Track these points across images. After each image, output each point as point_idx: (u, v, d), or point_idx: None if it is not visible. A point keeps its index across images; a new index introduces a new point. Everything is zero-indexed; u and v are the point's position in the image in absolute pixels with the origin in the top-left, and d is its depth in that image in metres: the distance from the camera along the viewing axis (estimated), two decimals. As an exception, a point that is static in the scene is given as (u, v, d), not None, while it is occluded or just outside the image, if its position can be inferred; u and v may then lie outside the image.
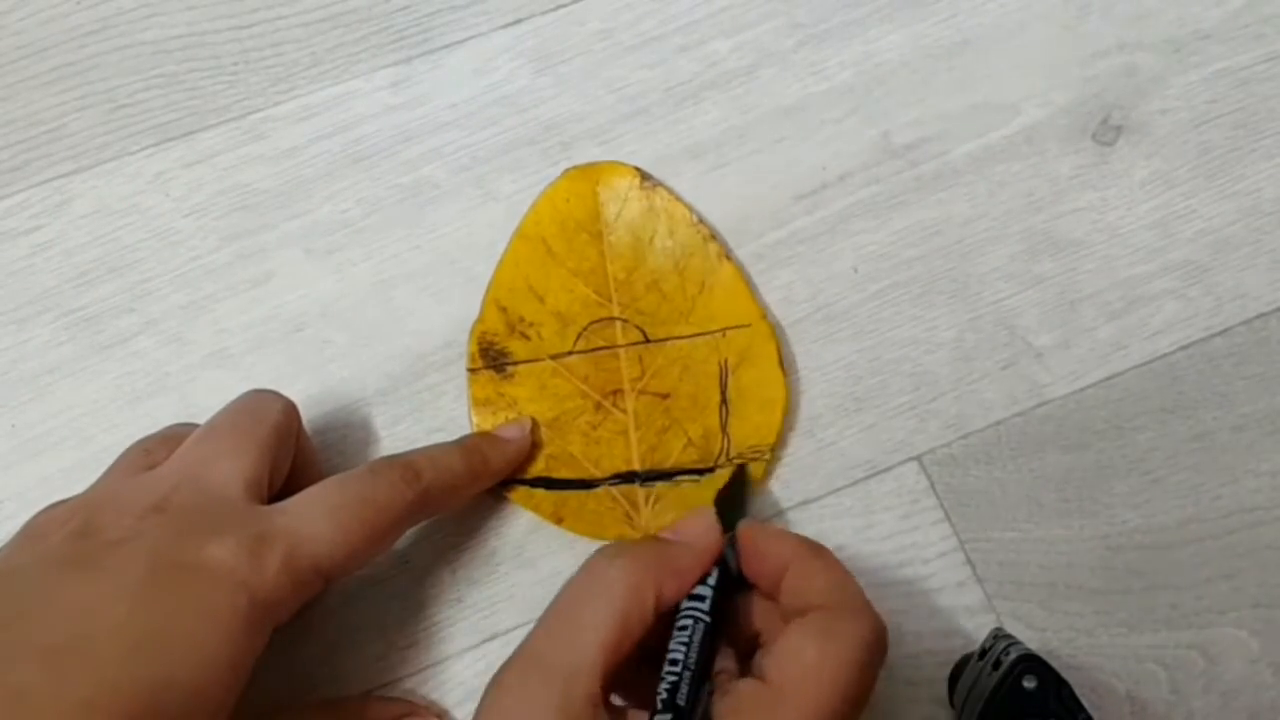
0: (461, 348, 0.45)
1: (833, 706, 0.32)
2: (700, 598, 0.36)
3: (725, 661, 0.37)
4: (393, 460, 0.39)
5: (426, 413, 0.45)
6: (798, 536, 0.38)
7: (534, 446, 0.44)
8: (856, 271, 0.47)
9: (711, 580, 0.37)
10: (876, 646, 0.34)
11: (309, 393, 0.45)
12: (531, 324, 0.45)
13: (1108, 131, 0.49)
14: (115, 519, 0.35)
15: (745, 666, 0.36)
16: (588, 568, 0.36)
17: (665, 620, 0.36)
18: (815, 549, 0.37)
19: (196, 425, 0.39)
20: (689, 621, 0.36)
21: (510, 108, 0.49)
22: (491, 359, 0.45)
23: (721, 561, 0.38)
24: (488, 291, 0.46)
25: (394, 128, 0.49)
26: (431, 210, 0.48)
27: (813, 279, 0.47)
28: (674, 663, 0.35)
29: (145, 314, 0.47)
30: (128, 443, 0.40)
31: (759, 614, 0.37)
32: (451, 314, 0.46)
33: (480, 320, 0.45)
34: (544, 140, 0.49)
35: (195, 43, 0.50)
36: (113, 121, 0.49)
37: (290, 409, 0.40)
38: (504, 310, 0.45)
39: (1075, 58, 0.49)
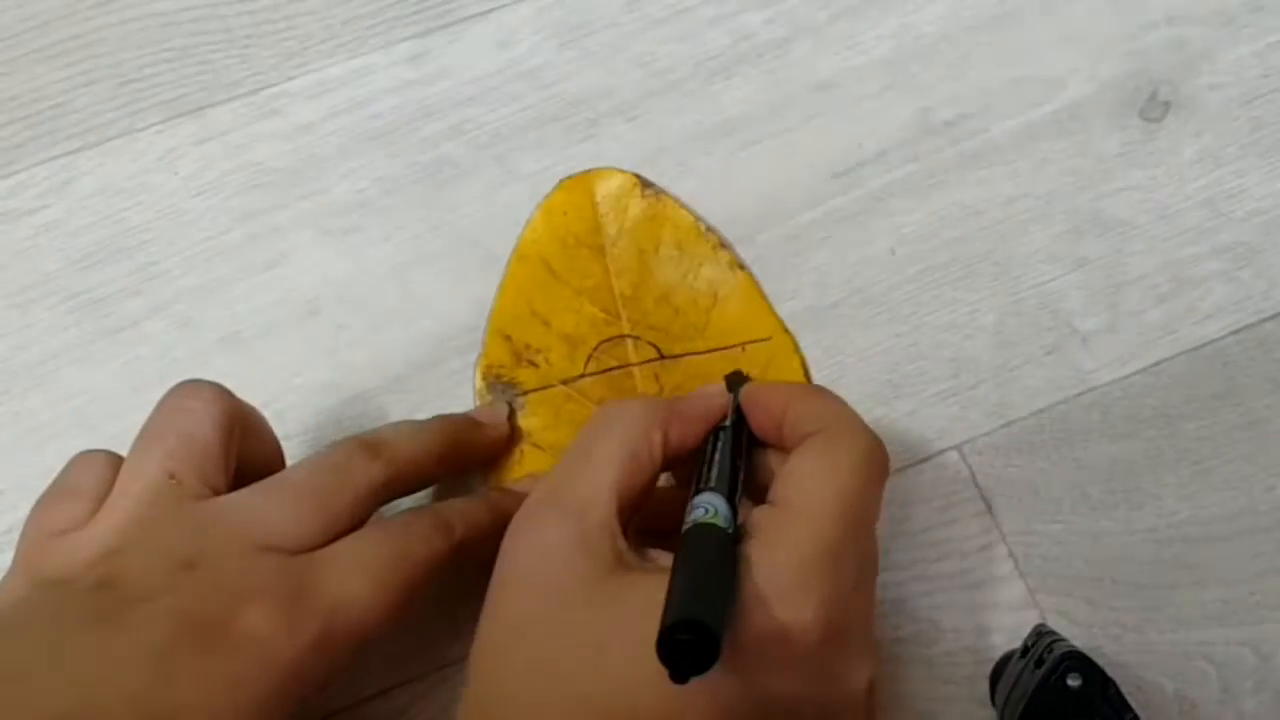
0: (481, 333, 0.45)
1: (838, 518, 0.33)
2: (724, 428, 0.38)
3: (743, 512, 0.37)
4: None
5: (446, 400, 0.44)
6: (794, 383, 0.42)
7: None
8: (894, 253, 0.46)
9: (728, 420, 0.38)
10: (873, 460, 0.35)
11: (325, 379, 0.45)
12: (539, 350, 0.44)
13: (1155, 107, 0.48)
14: (142, 572, 0.33)
15: None
16: (597, 414, 0.38)
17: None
18: (810, 387, 0.40)
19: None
20: (718, 438, 0.38)
21: (533, 83, 0.48)
22: (500, 392, 0.44)
23: (738, 419, 0.39)
24: (489, 322, 0.45)
25: (412, 103, 0.48)
26: (451, 189, 0.47)
27: (848, 261, 0.46)
28: (709, 464, 0.37)
29: (153, 297, 0.46)
30: (134, 431, 0.38)
31: (772, 465, 0.38)
32: (472, 297, 0.45)
33: (484, 354, 0.44)
34: (569, 117, 0.48)
35: (206, 15, 0.49)
36: (120, 97, 0.48)
37: (228, 397, 0.37)
38: (508, 339, 0.44)
39: (1122, 31, 0.49)
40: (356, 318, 0.46)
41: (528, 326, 0.44)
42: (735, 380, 0.40)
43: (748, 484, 0.37)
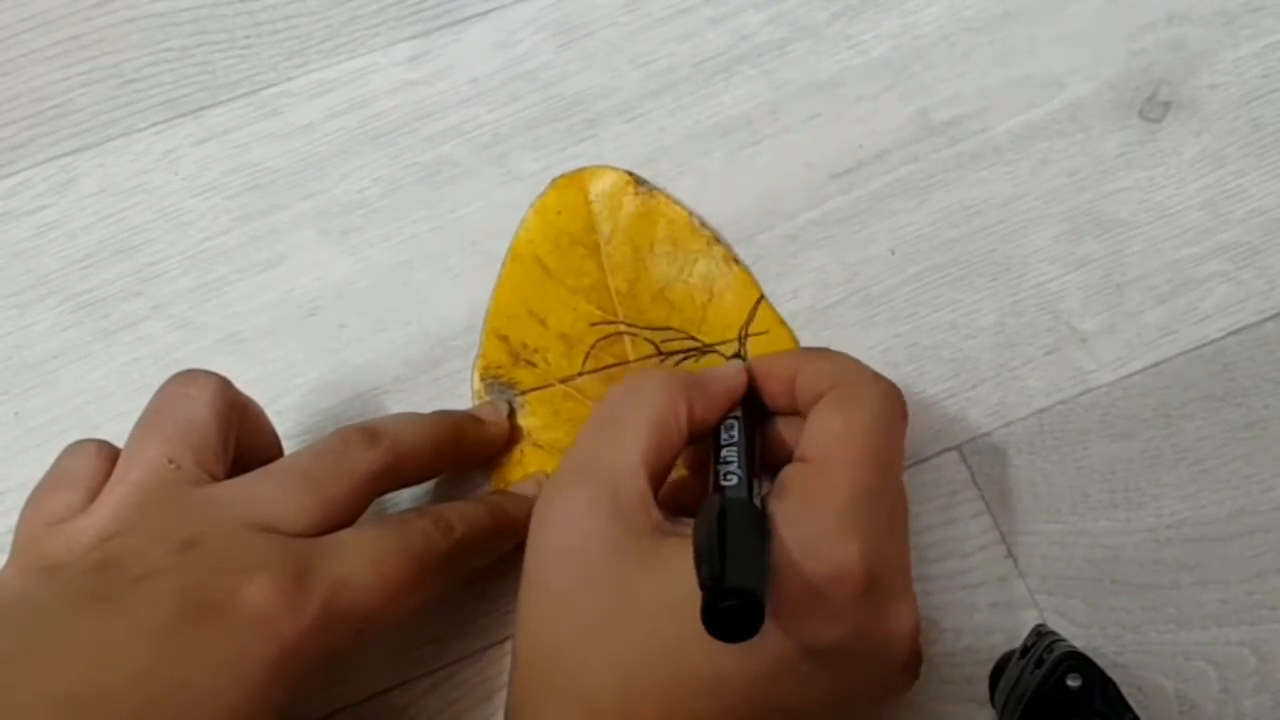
0: (479, 333, 0.45)
1: (867, 463, 0.34)
2: (735, 416, 0.38)
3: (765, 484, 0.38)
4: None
5: (446, 400, 0.44)
6: (799, 349, 0.43)
7: None
8: (894, 253, 0.46)
9: (738, 411, 0.39)
10: (892, 404, 0.36)
11: (324, 379, 0.45)
12: (536, 350, 0.44)
13: (1155, 107, 0.48)
14: (142, 551, 0.33)
15: None
16: (621, 385, 0.38)
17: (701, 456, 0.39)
18: (814, 349, 0.41)
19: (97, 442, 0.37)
20: (731, 425, 0.38)
21: (533, 83, 0.48)
22: (498, 393, 0.44)
23: (751, 396, 0.39)
24: (486, 323, 0.45)
25: (412, 104, 0.48)
26: (451, 190, 0.47)
27: (848, 261, 0.46)
28: (726, 447, 0.37)
29: (153, 297, 0.46)
30: (134, 431, 0.38)
31: (788, 433, 0.39)
32: (471, 298, 0.45)
33: (482, 355, 0.44)
34: (568, 117, 0.48)
35: (206, 15, 0.49)
36: (120, 97, 0.48)
37: (226, 385, 0.38)
38: (505, 340, 0.44)
39: (1122, 30, 0.48)
40: (356, 318, 0.45)
41: (524, 326, 0.44)
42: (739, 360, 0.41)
43: (763, 457, 0.38)
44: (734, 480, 0.35)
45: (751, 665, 0.32)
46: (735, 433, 0.37)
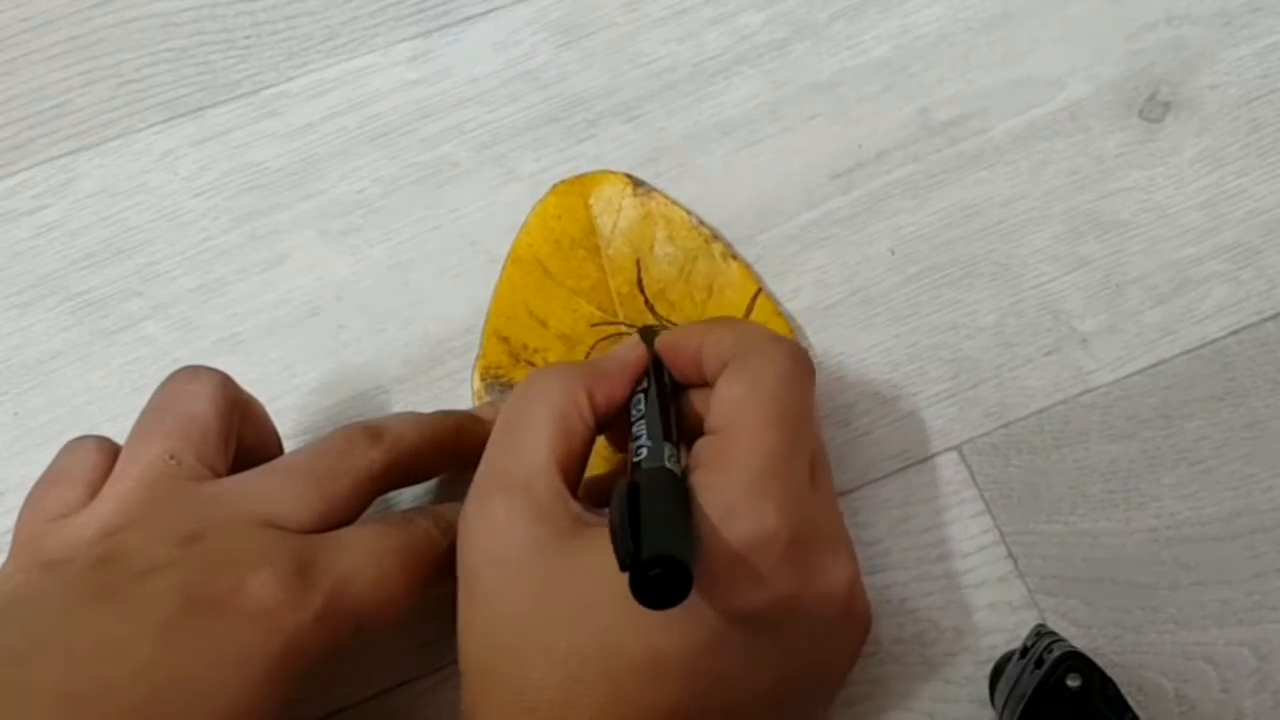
0: (479, 334, 0.44)
1: (774, 424, 0.34)
2: (643, 390, 0.38)
3: (682, 453, 0.38)
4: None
5: (446, 401, 0.44)
6: (704, 321, 0.43)
7: None
8: (894, 253, 0.46)
9: (645, 382, 0.39)
10: (794, 365, 0.36)
11: (324, 379, 0.45)
12: (536, 350, 0.44)
13: (1155, 108, 0.47)
14: (144, 546, 0.33)
15: None
16: (520, 387, 0.38)
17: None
18: (718, 321, 0.41)
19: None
20: (639, 400, 0.38)
21: (533, 83, 0.48)
22: (499, 393, 0.44)
23: (657, 367, 0.39)
24: (486, 323, 0.45)
25: (412, 104, 0.48)
26: (451, 190, 0.47)
27: (848, 261, 0.46)
28: (636, 422, 0.37)
29: (153, 298, 0.46)
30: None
31: (702, 405, 0.38)
32: (471, 298, 0.45)
33: (482, 355, 0.44)
34: (568, 117, 0.48)
35: (205, 15, 0.49)
36: (119, 97, 0.48)
37: (227, 382, 0.38)
38: (505, 340, 0.44)
39: (1121, 31, 0.48)
40: (356, 318, 0.45)
41: (525, 327, 0.44)
42: (649, 334, 0.41)
43: (679, 428, 0.38)
44: (645, 453, 0.35)
45: (687, 641, 0.32)
46: (644, 406, 0.37)
